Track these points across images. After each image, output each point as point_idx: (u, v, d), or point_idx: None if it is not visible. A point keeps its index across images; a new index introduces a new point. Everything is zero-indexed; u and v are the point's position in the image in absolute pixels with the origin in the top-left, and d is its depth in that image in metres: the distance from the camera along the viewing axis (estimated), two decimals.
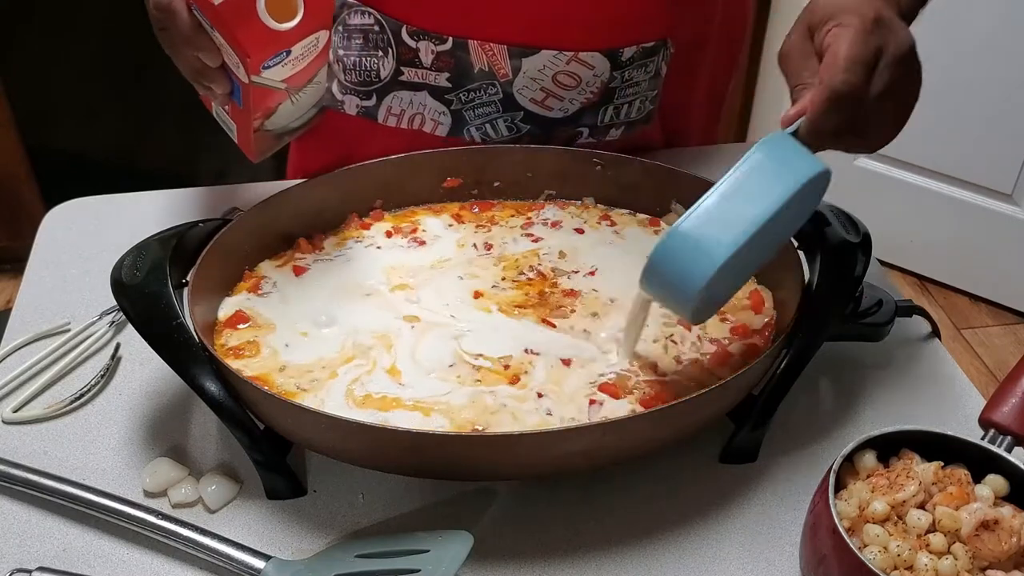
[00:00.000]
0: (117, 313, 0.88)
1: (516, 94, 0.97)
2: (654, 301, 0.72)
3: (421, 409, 0.71)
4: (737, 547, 0.69)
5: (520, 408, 0.72)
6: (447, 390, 0.73)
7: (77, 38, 2.24)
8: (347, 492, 0.72)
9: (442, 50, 0.94)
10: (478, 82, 0.96)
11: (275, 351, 0.77)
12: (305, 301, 0.83)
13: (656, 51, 0.97)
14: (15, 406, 0.79)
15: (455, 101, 0.98)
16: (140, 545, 0.68)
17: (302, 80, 0.83)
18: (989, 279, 2.35)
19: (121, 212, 1.03)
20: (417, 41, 0.94)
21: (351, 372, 0.75)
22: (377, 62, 0.97)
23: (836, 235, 0.79)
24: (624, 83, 0.98)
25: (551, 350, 0.77)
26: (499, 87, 0.96)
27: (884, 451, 0.66)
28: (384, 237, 0.91)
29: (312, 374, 0.75)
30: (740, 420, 0.74)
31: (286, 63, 0.79)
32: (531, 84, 0.96)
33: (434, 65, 0.95)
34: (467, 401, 0.72)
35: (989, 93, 2.12)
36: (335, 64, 0.99)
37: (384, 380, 0.74)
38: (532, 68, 0.95)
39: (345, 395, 0.73)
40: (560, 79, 0.95)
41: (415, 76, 0.97)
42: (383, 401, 0.72)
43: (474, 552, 0.63)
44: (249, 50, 0.76)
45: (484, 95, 0.97)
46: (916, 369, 0.84)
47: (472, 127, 0.99)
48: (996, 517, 0.60)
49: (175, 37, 0.77)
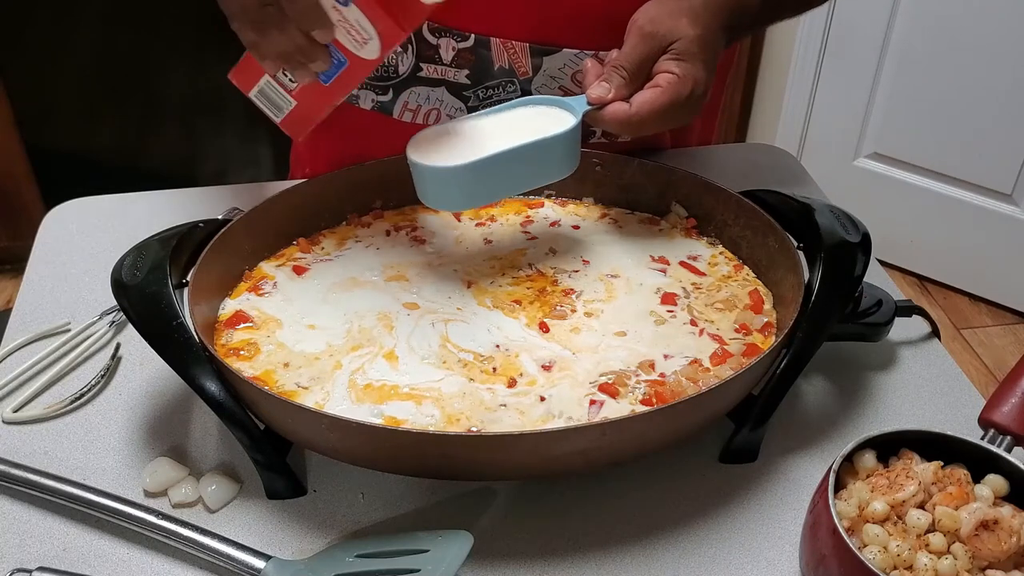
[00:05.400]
0: (117, 313, 0.88)
1: (534, 91, 0.97)
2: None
3: (414, 398, 0.72)
4: (737, 547, 0.69)
5: (521, 408, 0.72)
6: (439, 377, 0.74)
7: (77, 38, 2.24)
8: (347, 492, 0.72)
9: (463, 47, 0.95)
10: (498, 79, 0.97)
11: (282, 345, 0.78)
12: (307, 298, 0.83)
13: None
14: (15, 406, 0.79)
15: (472, 98, 0.98)
16: (140, 545, 0.68)
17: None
18: (989, 279, 2.36)
19: (121, 212, 1.03)
20: (438, 38, 0.95)
21: (355, 362, 0.76)
22: (396, 58, 0.97)
23: (836, 235, 0.79)
24: None
25: (537, 355, 0.77)
26: (518, 84, 0.97)
27: (884, 451, 0.66)
28: (384, 236, 0.91)
29: (319, 364, 0.76)
30: (740, 420, 0.74)
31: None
32: (550, 82, 0.97)
33: (454, 62, 0.96)
34: (457, 391, 0.73)
35: (989, 93, 2.12)
36: None
37: (383, 367, 0.75)
38: (552, 67, 0.95)
39: (348, 386, 0.73)
40: (579, 78, 0.95)
41: (434, 72, 0.97)
42: (382, 390, 0.73)
43: (474, 552, 0.63)
44: (403, 24, 0.76)
45: (503, 92, 0.97)
46: (916, 369, 0.84)
47: None
48: (996, 517, 0.60)
49: (290, 11, 0.74)
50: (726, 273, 0.87)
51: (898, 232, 2.36)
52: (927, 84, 2.19)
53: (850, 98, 2.30)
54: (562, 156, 0.82)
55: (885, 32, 2.18)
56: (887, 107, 2.27)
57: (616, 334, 0.79)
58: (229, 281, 0.84)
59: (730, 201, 0.88)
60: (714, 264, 0.88)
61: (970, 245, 2.33)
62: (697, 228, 0.92)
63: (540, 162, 0.81)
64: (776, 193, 0.87)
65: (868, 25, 2.18)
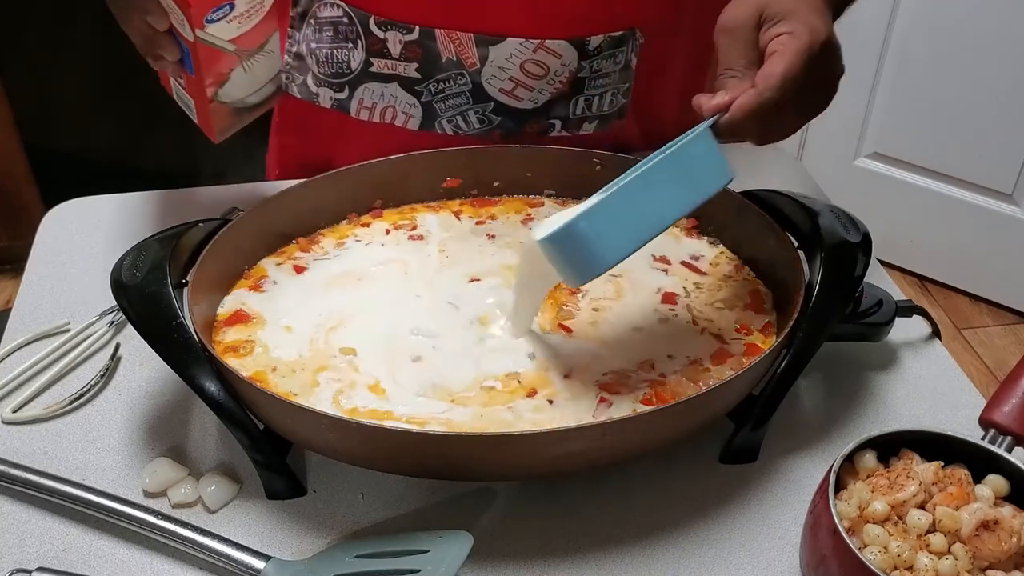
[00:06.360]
0: (117, 313, 0.88)
1: (485, 84, 0.97)
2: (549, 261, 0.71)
3: (416, 423, 0.71)
4: (737, 547, 0.69)
5: (523, 407, 0.72)
6: (443, 409, 0.72)
7: (77, 38, 2.24)
8: (347, 492, 0.72)
9: (409, 40, 0.95)
10: (447, 72, 0.97)
11: (266, 347, 0.78)
12: (303, 297, 0.83)
13: (624, 41, 0.98)
14: (15, 406, 0.79)
15: (425, 92, 0.98)
16: (140, 545, 0.68)
17: (251, 43, 0.84)
18: (989, 279, 2.35)
19: (121, 212, 1.03)
20: (385, 31, 0.95)
21: (331, 384, 0.74)
22: (348, 54, 0.98)
23: (836, 235, 0.79)
24: (593, 73, 0.98)
25: (564, 360, 0.76)
26: (468, 77, 0.97)
27: (884, 451, 0.66)
28: (383, 235, 0.91)
29: (296, 377, 0.75)
30: (740, 420, 0.74)
31: (231, 19, 0.79)
32: (499, 73, 0.96)
33: (403, 55, 0.96)
34: (470, 419, 0.71)
35: (989, 93, 2.12)
36: (309, 57, 1.00)
37: (367, 397, 0.73)
38: (499, 57, 0.95)
39: (332, 402, 0.72)
40: (528, 68, 0.96)
41: (385, 67, 0.97)
42: (373, 415, 0.71)
43: (474, 552, 0.63)
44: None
45: (454, 85, 0.97)
46: (916, 369, 0.84)
47: (443, 119, 1.00)
48: (996, 517, 0.60)
49: (122, 2, 0.78)
50: (727, 273, 0.87)
51: (898, 232, 2.36)
52: (927, 84, 2.19)
53: (850, 98, 2.29)
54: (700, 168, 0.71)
55: (885, 32, 2.18)
56: (887, 107, 2.27)
57: (625, 330, 0.79)
58: (229, 281, 0.84)
59: (730, 201, 0.88)
60: (716, 264, 0.88)
61: (970, 245, 2.32)
62: (697, 228, 0.92)
63: (676, 182, 0.70)
64: (776, 193, 0.87)
65: (868, 25, 2.18)
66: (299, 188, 0.90)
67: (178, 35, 0.80)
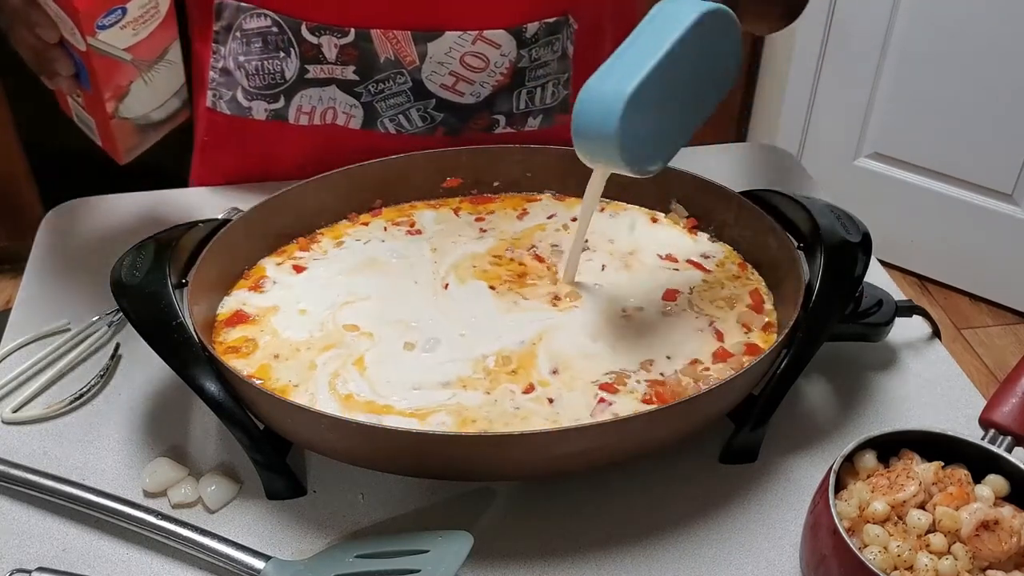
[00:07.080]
0: (117, 313, 0.88)
1: (425, 80, 0.96)
2: (594, 166, 0.74)
3: (418, 416, 0.71)
4: (737, 547, 0.69)
5: (524, 407, 0.72)
6: (448, 396, 0.73)
7: None
8: (347, 492, 0.72)
9: (345, 43, 0.94)
10: (386, 72, 0.96)
11: (275, 332, 0.78)
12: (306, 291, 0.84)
13: (559, 28, 0.98)
14: (15, 406, 0.79)
15: (365, 93, 0.97)
16: (140, 545, 0.68)
17: (149, 53, 0.80)
18: (989, 279, 2.35)
19: (121, 212, 1.03)
20: (319, 37, 0.94)
21: (329, 363, 0.75)
22: (280, 64, 0.96)
23: (836, 235, 0.79)
24: (533, 63, 0.98)
25: (552, 347, 0.77)
26: (407, 75, 0.96)
27: (884, 451, 0.66)
28: (381, 232, 0.91)
29: (299, 357, 0.76)
30: (740, 420, 0.74)
31: (124, 25, 0.76)
32: (439, 69, 0.96)
33: (339, 59, 0.95)
34: (478, 403, 0.72)
35: (989, 93, 2.12)
36: (237, 71, 0.98)
37: (357, 379, 0.75)
38: (438, 52, 0.95)
39: (328, 388, 0.73)
40: (468, 61, 0.95)
41: (321, 72, 0.96)
42: (371, 406, 0.72)
43: (474, 552, 0.63)
44: (78, 4, 0.72)
45: (394, 85, 0.97)
46: (916, 369, 0.84)
47: (385, 119, 0.99)
48: (996, 517, 0.60)
49: (8, 15, 0.74)
50: (734, 273, 0.87)
51: (898, 232, 2.36)
52: (927, 84, 2.19)
53: (850, 98, 2.30)
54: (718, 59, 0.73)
55: (885, 32, 2.18)
56: (887, 107, 2.27)
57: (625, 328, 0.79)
58: (229, 281, 0.84)
59: (730, 201, 0.88)
60: (722, 265, 0.88)
61: (970, 245, 2.32)
62: (697, 228, 0.92)
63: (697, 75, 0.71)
64: (776, 193, 0.87)
65: (868, 25, 2.18)
66: (299, 188, 0.90)
67: (71, 47, 0.76)
